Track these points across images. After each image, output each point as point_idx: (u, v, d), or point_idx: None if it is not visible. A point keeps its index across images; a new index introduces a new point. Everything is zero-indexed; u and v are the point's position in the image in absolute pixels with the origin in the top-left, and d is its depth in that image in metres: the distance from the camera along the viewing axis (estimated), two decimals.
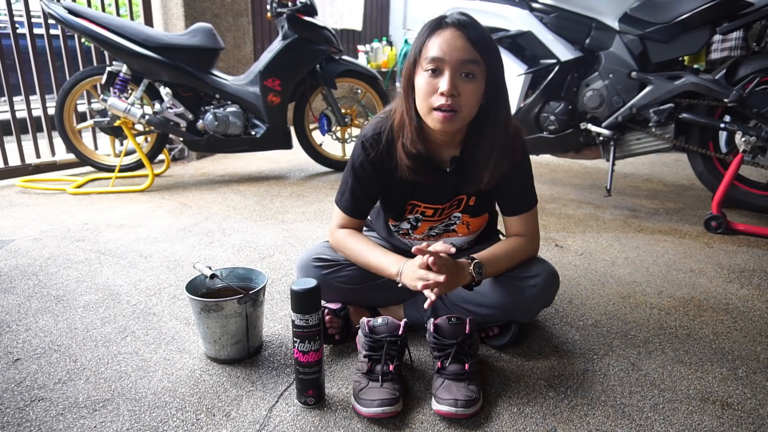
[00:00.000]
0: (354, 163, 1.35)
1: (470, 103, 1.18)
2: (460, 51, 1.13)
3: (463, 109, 1.17)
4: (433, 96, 1.16)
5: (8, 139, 3.24)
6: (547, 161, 3.69)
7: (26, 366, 1.33)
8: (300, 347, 1.15)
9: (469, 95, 1.17)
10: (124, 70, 2.87)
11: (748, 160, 2.38)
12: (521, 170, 1.34)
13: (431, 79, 1.16)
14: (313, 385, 1.18)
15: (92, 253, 2.03)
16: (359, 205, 1.39)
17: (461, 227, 1.45)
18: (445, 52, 1.13)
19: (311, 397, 1.19)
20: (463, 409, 1.12)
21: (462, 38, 1.13)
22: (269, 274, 1.85)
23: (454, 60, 1.13)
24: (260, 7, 4.70)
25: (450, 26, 1.15)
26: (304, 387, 1.18)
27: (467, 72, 1.15)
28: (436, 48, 1.14)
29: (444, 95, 1.14)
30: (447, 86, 1.13)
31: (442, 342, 1.23)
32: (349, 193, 1.38)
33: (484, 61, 1.16)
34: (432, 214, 1.41)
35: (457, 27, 1.14)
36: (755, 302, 1.72)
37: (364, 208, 1.41)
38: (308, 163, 3.50)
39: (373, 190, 1.38)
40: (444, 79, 1.14)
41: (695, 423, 1.16)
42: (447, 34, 1.14)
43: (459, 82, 1.15)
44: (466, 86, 1.16)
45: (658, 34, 2.40)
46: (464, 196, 1.38)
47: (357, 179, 1.35)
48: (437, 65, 1.15)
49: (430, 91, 1.16)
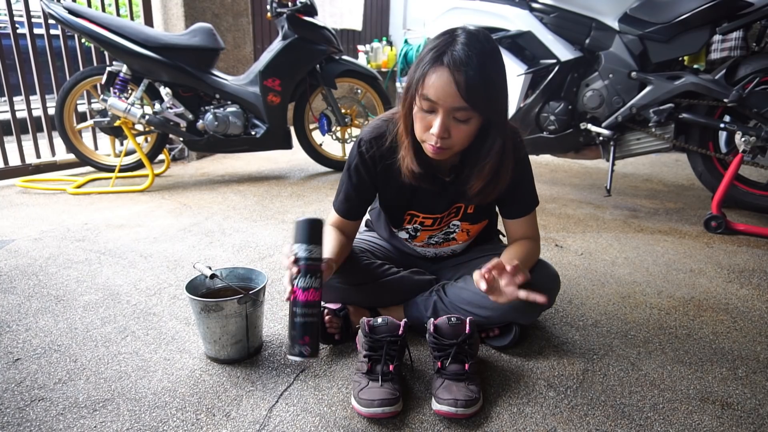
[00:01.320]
0: (350, 166, 1.36)
1: (462, 140, 1.16)
2: (452, 98, 1.09)
3: (455, 146, 1.17)
4: (426, 132, 1.16)
5: (8, 139, 3.24)
6: (547, 161, 3.70)
7: (26, 366, 1.33)
8: (300, 283, 1.07)
9: (462, 135, 1.15)
10: (124, 70, 2.87)
11: (747, 160, 2.38)
12: (522, 174, 1.34)
13: (426, 114, 1.14)
14: (311, 330, 1.08)
15: (92, 253, 2.03)
16: (352, 207, 1.39)
17: (461, 234, 1.46)
18: (439, 97, 1.09)
19: (307, 346, 1.08)
20: (463, 409, 1.13)
21: (454, 86, 1.07)
22: (269, 274, 1.84)
23: (447, 106, 1.10)
24: (260, 7, 4.70)
25: (447, 68, 1.08)
26: (299, 333, 1.07)
27: (460, 117, 1.12)
28: (431, 89, 1.10)
29: (435, 136, 1.13)
30: (437, 130, 1.12)
31: (442, 342, 1.23)
32: (344, 194, 1.38)
33: (476, 109, 1.11)
34: (431, 224, 1.41)
35: (451, 71, 1.07)
36: (755, 302, 1.72)
37: (357, 210, 1.41)
38: (308, 163, 3.50)
39: (367, 193, 1.39)
40: (436, 122, 1.12)
41: (695, 423, 1.16)
42: (444, 77, 1.08)
43: (452, 123, 1.13)
44: (459, 128, 1.14)
45: (658, 34, 2.40)
46: (462, 204, 1.38)
47: (352, 181, 1.36)
48: (431, 106, 1.12)
49: (425, 126, 1.16)
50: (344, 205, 1.39)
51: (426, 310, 1.42)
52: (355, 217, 1.42)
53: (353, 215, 1.41)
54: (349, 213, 1.40)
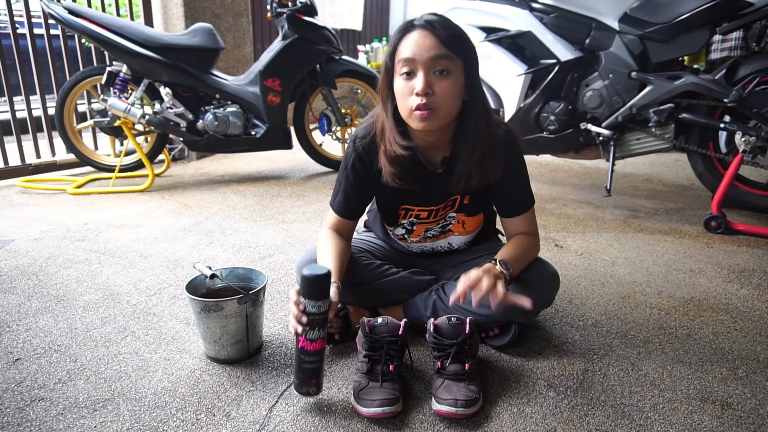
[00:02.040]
0: (346, 164, 1.36)
1: (447, 99, 1.17)
2: (429, 48, 1.13)
3: (441, 106, 1.17)
4: (410, 97, 1.16)
5: (8, 139, 3.25)
6: (547, 161, 3.70)
7: (26, 366, 1.33)
8: (309, 335, 1.12)
9: (446, 92, 1.16)
10: (124, 70, 2.87)
11: (747, 160, 2.38)
12: (516, 172, 1.34)
13: (407, 81, 1.16)
14: (316, 374, 1.16)
15: (92, 253, 2.03)
16: (350, 205, 1.39)
17: (457, 226, 1.45)
18: (415, 53, 1.13)
19: (314, 387, 1.17)
20: (463, 409, 1.13)
21: (430, 36, 1.13)
22: (269, 274, 1.85)
23: (425, 58, 1.13)
24: (260, 7, 4.70)
25: (418, 27, 1.15)
26: (307, 377, 1.15)
27: (441, 69, 1.14)
28: (406, 50, 1.14)
29: (419, 95, 1.14)
30: (421, 85, 1.13)
31: (442, 342, 1.23)
32: (341, 193, 1.38)
33: (457, 55, 1.15)
34: (426, 216, 1.41)
35: (425, 27, 1.14)
36: (755, 302, 1.72)
37: (356, 209, 1.41)
38: (308, 163, 3.50)
39: (364, 191, 1.39)
40: (418, 79, 1.14)
41: (695, 423, 1.16)
42: (416, 34, 1.14)
43: (434, 80, 1.15)
44: (442, 83, 1.15)
45: (658, 34, 2.40)
46: (458, 196, 1.38)
47: (349, 180, 1.36)
48: (410, 67, 1.15)
49: (407, 92, 1.17)
50: (343, 205, 1.39)
51: (426, 310, 1.42)
52: (354, 216, 1.42)
53: (352, 214, 1.41)
54: (348, 212, 1.40)
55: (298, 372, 1.17)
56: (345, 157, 1.37)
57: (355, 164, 1.34)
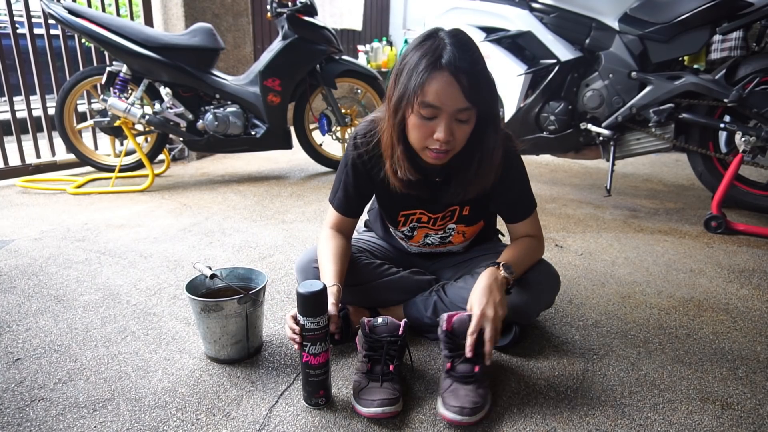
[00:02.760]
0: (347, 161, 1.36)
1: (464, 140, 1.18)
2: (456, 101, 1.10)
3: (457, 147, 1.18)
4: (428, 139, 1.15)
5: (8, 139, 3.25)
6: (547, 161, 3.70)
7: (26, 366, 1.33)
8: (311, 350, 1.13)
9: (464, 135, 1.16)
10: (124, 70, 2.87)
11: (748, 160, 2.38)
12: (516, 178, 1.34)
13: (426, 121, 1.14)
14: (323, 385, 1.17)
15: (92, 253, 2.03)
16: (351, 203, 1.39)
17: (457, 237, 1.46)
18: (443, 102, 1.10)
19: (322, 398, 1.18)
20: (469, 418, 1.11)
21: (457, 87, 1.09)
22: (269, 274, 1.85)
23: (451, 110, 1.11)
24: (260, 7, 4.70)
25: (445, 69, 1.08)
26: (315, 389, 1.17)
27: (463, 119, 1.14)
28: (432, 95, 1.09)
29: (440, 141, 1.13)
30: (444, 135, 1.12)
31: (455, 341, 1.21)
32: (341, 191, 1.38)
33: (477, 108, 1.13)
34: (427, 221, 1.41)
35: (452, 73, 1.08)
36: (755, 302, 1.72)
37: (357, 207, 1.41)
38: (308, 163, 3.50)
39: (365, 189, 1.39)
40: (440, 128, 1.12)
41: (695, 423, 1.16)
42: (444, 80, 1.08)
43: (454, 125, 1.14)
44: (461, 128, 1.15)
45: (658, 34, 2.40)
46: (457, 207, 1.38)
47: (349, 177, 1.36)
48: (434, 113, 1.12)
49: (426, 133, 1.15)
50: (343, 202, 1.39)
51: (426, 310, 1.42)
52: (354, 214, 1.42)
53: (352, 212, 1.41)
54: (348, 210, 1.40)
55: (305, 385, 1.18)
56: (345, 155, 1.37)
57: (355, 162, 1.34)
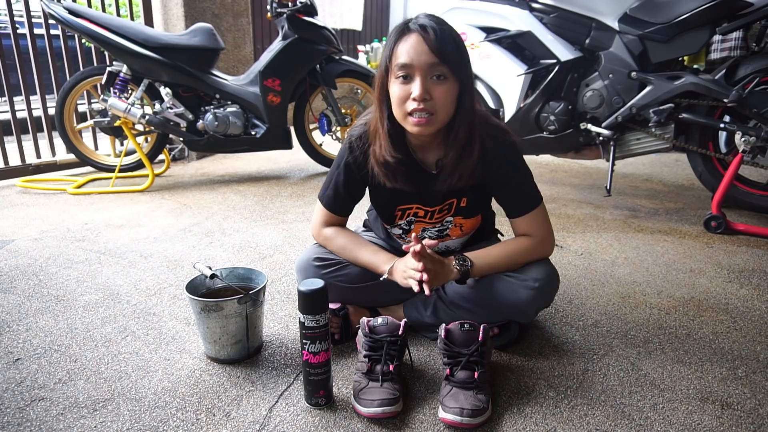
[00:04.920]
0: (340, 162, 1.36)
1: (445, 104, 1.18)
2: (426, 55, 1.13)
3: (439, 111, 1.17)
4: (407, 102, 1.17)
5: (8, 139, 3.24)
6: (547, 161, 3.70)
7: (26, 366, 1.33)
8: (311, 348, 1.14)
9: (443, 96, 1.17)
10: (124, 70, 2.87)
11: (747, 160, 2.38)
12: (513, 170, 1.33)
13: (403, 85, 1.17)
14: (324, 385, 1.18)
15: (92, 253, 2.03)
16: (341, 203, 1.41)
17: (454, 230, 1.45)
18: (413, 58, 1.14)
19: (322, 398, 1.18)
20: (469, 419, 1.11)
21: (423, 42, 1.13)
22: (269, 274, 1.85)
23: (422, 64, 1.14)
24: (260, 7, 4.70)
25: (414, 31, 1.15)
26: (315, 389, 1.17)
27: (437, 74, 1.15)
28: (403, 54, 1.15)
29: (416, 100, 1.15)
30: (419, 91, 1.14)
31: (453, 349, 1.21)
32: (332, 189, 1.39)
33: (447, 65, 1.15)
34: (424, 215, 1.41)
35: (420, 32, 1.14)
36: (755, 302, 1.72)
37: (347, 206, 1.43)
38: (308, 163, 3.50)
39: (356, 191, 1.40)
40: (415, 84, 1.15)
41: (695, 423, 1.16)
42: (412, 39, 1.14)
43: (430, 84, 1.16)
44: (438, 88, 1.16)
45: (658, 34, 2.40)
46: (454, 199, 1.38)
47: (341, 177, 1.37)
48: (407, 71, 1.15)
49: (404, 97, 1.17)
50: (333, 200, 1.41)
51: (426, 310, 1.42)
52: (344, 212, 1.44)
53: (342, 211, 1.43)
54: (339, 208, 1.42)
55: (306, 384, 1.19)
56: (339, 156, 1.38)
57: (348, 164, 1.34)
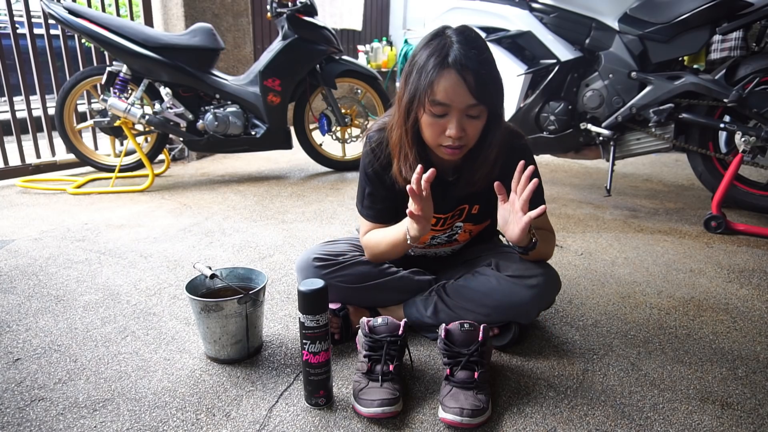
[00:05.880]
0: (365, 170, 1.37)
1: (475, 135, 1.21)
2: (464, 98, 1.14)
3: (470, 142, 1.22)
4: (441, 135, 1.19)
5: (8, 139, 3.25)
6: (547, 161, 3.70)
7: (26, 366, 1.33)
8: (311, 348, 1.14)
9: (475, 131, 1.20)
10: (124, 70, 2.87)
11: (747, 160, 2.38)
12: None
13: (437, 119, 1.17)
14: (324, 385, 1.18)
15: (92, 253, 2.03)
16: (381, 209, 1.39)
17: (463, 235, 1.46)
18: (452, 100, 1.14)
19: (322, 398, 1.18)
20: (469, 419, 1.11)
21: (464, 85, 1.13)
22: (269, 274, 1.85)
23: (460, 106, 1.15)
24: (260, 7, 4.70)
25: (452, 68, 1.13)
26: (315, 389, 1.17)
27: (474, 114, 1.17)
28: (441, 93, 1.14)
29: (452, 137, 1.17)
30: (455, 131, 1.16)
31: (453, 349, 1.22)
32: (368, 199, 1.39)
33: (485, 106, 1.17)
34: (435, 224, 1.41)
35: (459, 72, 1.12)
36: (755, 302, 1.72)
37: (388, 212, 1.40)
38: (308, 163, 3.50)
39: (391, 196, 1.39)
40: (452, 124, 1.16)
41: (695, 423, 1.16)
42: (452, 79, 1.13)
43: (465, 122, 1.17)
44: (473, 124, 1.19)
45: (657, 34, 2.40)
46: (466, 205, 1.38)
47: (372, 185, 1.37)
48: (443, 110, 1.16)
49: (439, 131, 1.19)
50: (373, 211, 1.40)
51: (426, 310, 1.42)
52: (387, 219, 1.40)
53: (384, 217, 1.40)
54: (381, 216, 1.40)
55: (306, 384, 1.19)
56: (362, 162, 1.38)
57: (375, 169, 1.34)
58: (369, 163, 1.35)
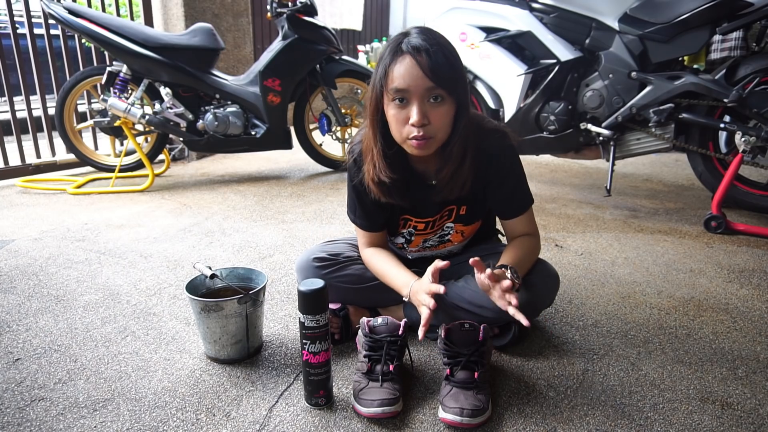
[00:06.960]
0: (351, 181, 1.36)
1: (443, 125, 1.16)
2: (421, 80, 1.10)
3: (437, 132, 1.16)
4: (405, 126, 1.15)
5: (8, 139, 3.25)
6: (547, 161, 3.70)
7: (26, 366, 1.33)
8: (311, 348, 1.14)
9: (441, 119, 1.15)
10: (124, 70, 2.87)
11: (747, 160, 2.38)
12: (510, 174, 1.33)
13: (400, 108, 1.14)
14: (324, 385, 1.18)
15: (92, 253, 2.03)
16: (373, 217, 1.39)
17: (455, 236, 1.45)
18: (408, 83, 1.11)
19: (322, 398, 1.18)
20: (469, 419, 1.11)
21: (418, 67, 1.10)
22: (269, 274, 1.85)
23: (418, 88, 1.11)
24: (260, 7, 4.70)
25: (407, 54, 1.11)
26: (315, 388, 1.17)
27: (434, 96, 1.13)
28: (398, 79, 1.11)
29: (415, 126, 1.13)
30: (417, 117, 1.12)
31: (453, 349, 1.21)
32: (358, 208, 1.38)
33: (444, 89, 1.13)
34: (423, 228, 1.41)
35: (412, 55, 1.10)
36: (755, 302, 1.72)
37: (380, 219, 1.40)
38: (308, 163, 3.50)
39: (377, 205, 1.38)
40: (413, 110, 1.13)
41: (695, 423, 1.16)
42: (406, 62, 1.11)
43: (428, 108, 1.13)
44: (436, 111, 1.14)
45: (658, 34, 2.40)
46: (454, 206, 1.38)
47: (359, 196, 1.36)
48: (403, 95, 1.13)
49: (402, 120, 1.15)
50: (365, 219, 1.39)
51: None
52: (381, 227, 1.41)
53: (378, 225, 1.40)
54: (374, 224, 1.40)
55: (306, 384, 1.19)
56: (348, 174, 1.37)
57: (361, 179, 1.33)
58: (354, 175, 1.34)
